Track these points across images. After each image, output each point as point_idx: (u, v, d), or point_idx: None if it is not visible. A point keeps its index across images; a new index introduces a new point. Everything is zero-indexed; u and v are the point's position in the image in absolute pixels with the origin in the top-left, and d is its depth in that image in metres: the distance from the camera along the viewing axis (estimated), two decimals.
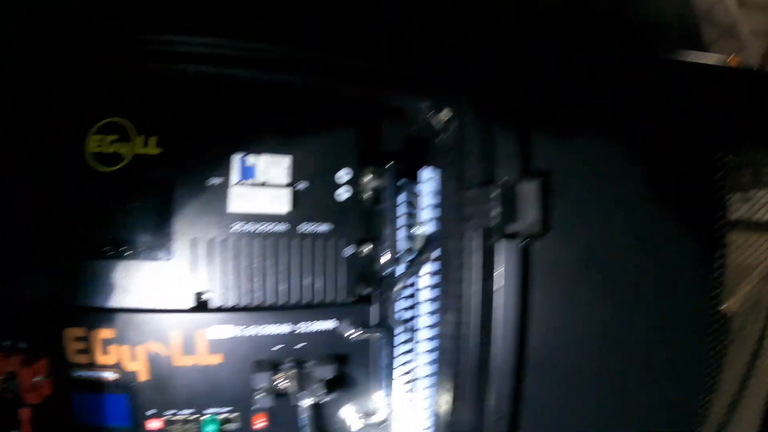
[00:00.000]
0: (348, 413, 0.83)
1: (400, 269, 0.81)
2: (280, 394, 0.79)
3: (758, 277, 0.88)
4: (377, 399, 0.84)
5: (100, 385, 0.81)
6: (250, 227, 0.73)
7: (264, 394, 0.77)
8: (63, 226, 0.75)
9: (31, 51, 0.67)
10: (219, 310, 0.74)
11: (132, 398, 0.82)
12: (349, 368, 0.82)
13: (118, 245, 0.73)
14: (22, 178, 0.75)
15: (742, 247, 0.87)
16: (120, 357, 0.79)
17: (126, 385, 0.81)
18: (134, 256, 0.73)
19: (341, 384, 0.79)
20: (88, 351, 0.80)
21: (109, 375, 0.81)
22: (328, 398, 0.76)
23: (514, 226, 0.73)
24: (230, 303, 0.73)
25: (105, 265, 0.74)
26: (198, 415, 0.82)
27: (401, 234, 0.82)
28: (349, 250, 0.76)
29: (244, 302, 0.73)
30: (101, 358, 0.80)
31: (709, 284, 0.81)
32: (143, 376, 0.80)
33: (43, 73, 0.73)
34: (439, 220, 0.79)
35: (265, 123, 0.74)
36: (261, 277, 0.73)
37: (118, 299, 0.75)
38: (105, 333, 0.79)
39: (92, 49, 0.71)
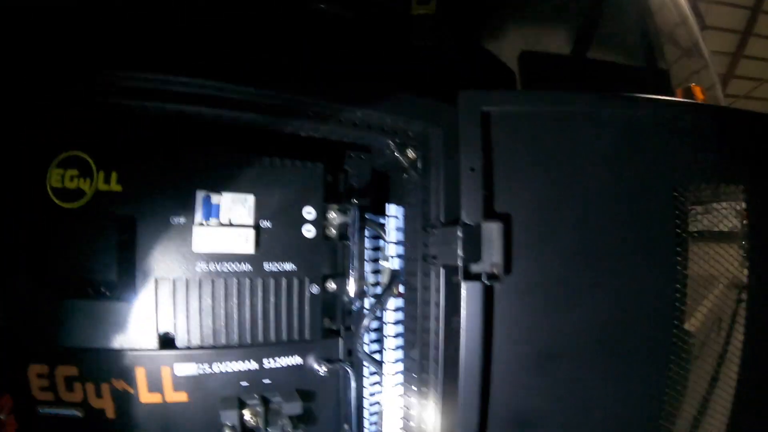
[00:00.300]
0: None
1: (367, 304, 0.82)
2: (247, 430, 0.79)
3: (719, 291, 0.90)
4: (347, 428, 0.84)
5: (65, 422, 0.80)
6: (215, 267, 0.72)
7: (231, 431, 0.77)
8: (26, 263, 0.73)
9: None
10: (183, 349, 0.73)
11: None
12: (316, 403, 0.82)
13: (81, 285, 0.72)
14: None
15: (702, 260, 0.88)
16: (85, 394, 0.78)
17: (92, 423, 0.79)
18: (97, 296, 0.72)
19: (308, 420, 0.79)
20: (52, 388, 0.78)
21: (75, 413, 0.80)
22: None
23: (478, 266, 0.74)
24: (195, 343, 0.72)
25: (67, 304, 0.73)
26: None
27: (367, 268, 0.82)
28: (315, 288, 0.76)
29: (208, 342, 0.73)
30: (66, 396, 0.79)
31: (670, 305, 0.82)
32: (109, 413, 0.79)
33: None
34: (404, 256, 0.80)
35: (228, 161, 0.74)
36: (226, 317, 0.73)
37: (81, 338, 0.74)
38: (69, 370, 0.78)
39: (52, 84, 0.70)
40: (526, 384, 0.79)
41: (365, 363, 0.83)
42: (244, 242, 0.71)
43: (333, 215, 0.78)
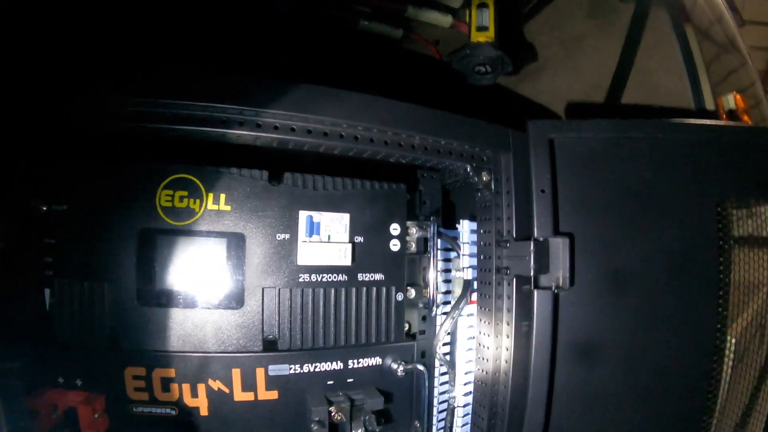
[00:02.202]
0: None
1: (441, 310, 0.89)
2: (333, 427, 0.85)
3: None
4: (417, 427, 0.91)
5: (158, 419, 0.85)
6: (315, 277, 0.79)
7: (319, 426, 0.83)
8: (137, 275, 0.78)
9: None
10: (284, 351, 0.79)
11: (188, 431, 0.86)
12: (392, 401, 0.89)
13: (190, 296, 0.77)
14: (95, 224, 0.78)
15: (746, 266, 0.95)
16: (181, 394, 0.83)
17: (186, 421, 0.85)
18: (205, 306, 0.78)
19: (386, 416, 0.86)
20: (147, 389, 0.83)
21: (169, 411, 0.85)
22: (377, 429, 0.82)
23: (546, 278, 0.82)
24: (295, 346, 0.79)
25: (175, 314, 0.78)
26: None
27: (440, 277, 0.90)
28: (399, 295, 0.83)
29: (307, 345, 0.80)
30: (161, 395, 0.84)
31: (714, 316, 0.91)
32: (203, 411, 0.84)
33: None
34: (477, 267, 0.88)
35: (326, 184, 0.81)
36: (324, 322, 0.80)
37: (184, 345, 0.79)
38: (166, 372, 0.83)
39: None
40: (585, 376, 0.88)
41: (438, 363, 0.90)
42: (343, 256, 0.78)
43: (413, 230, 0.85)
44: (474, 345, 0.91)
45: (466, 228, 0.89)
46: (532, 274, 0.82)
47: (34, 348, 0.82)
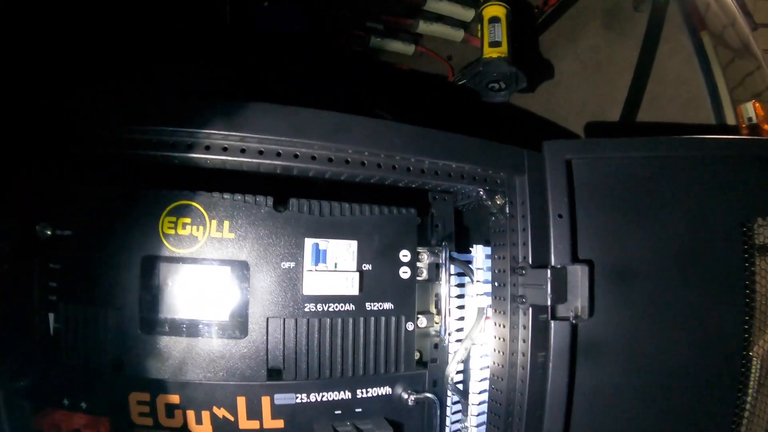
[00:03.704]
0: None
1: (454, 338, 0.82)
2: None
3: None
4: None
5: None
6: (322, 307, 0.73)
7: None
8: (140, 302, 0.74)
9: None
10: (289, 381, 0.73)
11: None
12: (403, 429, 0.82)
13: (194, 324, 0.72)
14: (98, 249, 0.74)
15: None
16: (185, 420, 0.78)
17: None
18: (208, 334, 0.72)
19: None
20: (152, 414, 0.78)
21: None
22: None
23: (564, 307, 0.75)
24: (301, 376, 0.73)
25: (177, 342, 0.73)
26: None
27: (453, 304, 0.83)
28: (410, 325, 0.77)
29: (313, 375, 0.74)
30: (165, 421, 0.79)
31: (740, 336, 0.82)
32: None
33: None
34: (492, 295, 0.81)
35: (332, 210, 0.75)
36: (330, 352, 0.74)
37: (188, 373, 0.74)
38: (171, 398, 0.78)
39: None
40: (605, 414, 0.80)
41: (450, 393, 0.84)
42: (350, 285, 0.72)
43: (425, 256, 0.79)
44: (488, 375, 0.84)
45: (480, 253, 0.82)
46: (549, 303, 0.75)
47: (40, 369, 0.78)
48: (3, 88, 0.63)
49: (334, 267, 0.74)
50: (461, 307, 0.86)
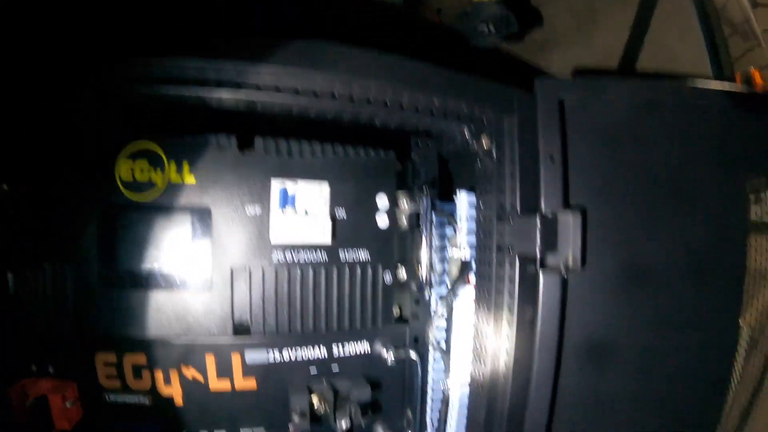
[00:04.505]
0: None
1: (435, 292, 0.75)
2: (315, 417, 0.72)
3: None
4: (410, 417, 0.78)
5: (131, 408, 0.74)
6: (291, 257, 0.66)
7: (300, 418, 0.70)
8: (98, 255, 0.66)
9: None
10: (257, 336, 0.66)
11: (164, 422, 0.74)
12: (382, 390, 0.76)
13: (155, 276, 0.65)
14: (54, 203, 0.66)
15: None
16: (153, 381, 0.72)
17: (158, 408, 0.74)
18: (171, 287, 0.65)
19: (375, 406, 0.73)
20: (119, 376, 0.72)
21: (143, 400, 0.74)
22: (362, 420, 0.69)
23: (554, 258, 0.67)
24: (270, 331, 0.66)
25: (139, 295, 0.66)
26: None
27: (435, 257, 0.76)
28: (388, 277, 0.69)
29: (283, 330, 0.67)
30: (133, 383, 0.73)
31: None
32: (176, 399, 0.73)
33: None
34: (477, 244, 0.73)
35: (302, 150, 0.66)
36: (301, 305, 0.67)
37: (152, 329, 0.67)
38: (137, 358, 0.72)
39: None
40: (593, 378, 0.73)
41: (432, 350, 0.77)
42: (321, 233, 0.64)
43: (404, 204, 0.71)
44: (471, 332, 0.77)
45: (463, 201, 0.74)
46: (538, 253, 0.67)
47: (4, 333, 0.71)
48: None
49: (304, 213, 0.66)
50: (444, 260, 0.78)
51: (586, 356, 0.72)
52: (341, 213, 0.68)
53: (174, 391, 0.73)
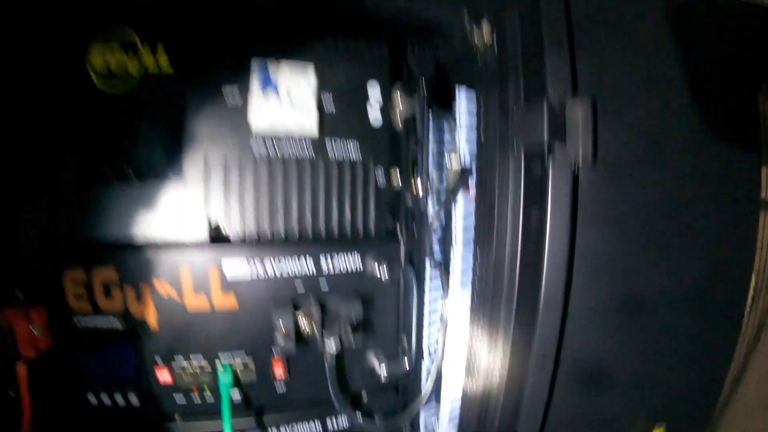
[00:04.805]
0: (375, 360, 0.69)
1: (432, 202, 0.68)
2: (301, 337, 0.65)
3: None
4: (405, 344, 0.70)
5: (105, 334, 0.68)
6: (273, 150, 0.59)
7: (284, 338, 0.63)
8: (60, 146, 0.60)
9: None
10: (235, 242, 0.59)
11: (139, 348, 0.67)
12: (374, 312, 0.69)
13: (122, 166, 0.58)
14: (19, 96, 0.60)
15: None
16: (124, 300, 0.65)
17: (133, 333, 0.67)
18: (141, 178, 0.58)
19: (366, 329, 0.65)
20: (89, 296, 0.65)
21: (115, 322, 0.67)
22: (353, 340, 0.62)
23: (563, 151, 0.60)
24: (249, 235, 0.59)
25: (107, 190, 0.59)
26: (210, 363, 0.67)
27: (432, 165, 0.68)
28: (381, 178, 0.62)
29: (264, 235, 0.59)
30: (104, 303, 0.66)
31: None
32: (150, 320, 0.66)
33: None
34: (478, 145, 0.66)
35: (285, 28, 0.60)
36: (285, 206, 0.59)
37: (120, 231, 0.60)
38: (107, 274, 0.65)
39: None
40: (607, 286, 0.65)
41: (429, 267, 0.69)
42: (307, 121, 0.58)
43: (399, 102, 0.64)
44: (471, 245, 0.69)
45: (463, 98, 0.67)
46: (546, 144, 0.60)
47: None
48: None
49: (287, 100, 0.59)
50: (441, 167, 0.71)
51: (599, 263, 0.64)
52: (329, 104, 0.62)
53: (147, 311, 0.66)
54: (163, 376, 0.69)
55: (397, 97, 0.64)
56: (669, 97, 0.68)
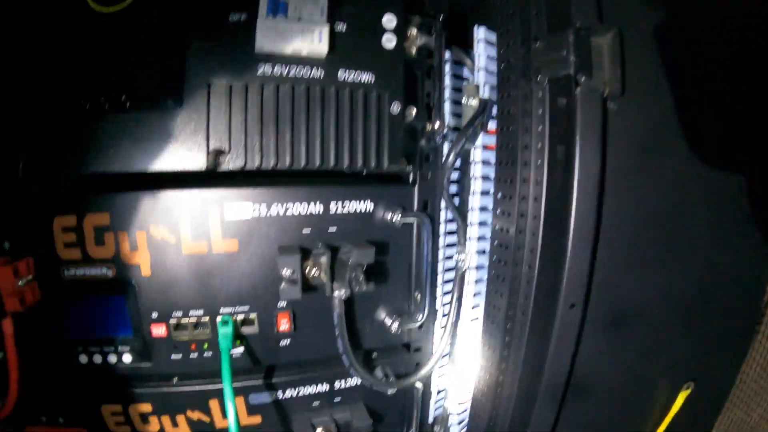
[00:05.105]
0: (385, 315, 0.64)
1: (449, 143, 0.63)
2: (309, 287, 0.60)
3: None
4: (417, 298, 0.65)
5: (94, 285, 0.62)
6: (280, 70, 0.54)
7: (289, 284, 0.58)
8: (47, 73, 0.55)
9: None
10: (238, 174, 0.54)
11: (132, 300, 0.62)
12: (386, 260, 0.63)
13: (114, 93, 0.53)
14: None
15: None
16: (117, 248, 0.60)
17: (125, 283, 0.61)
18: (137, 106, 0.53)
19: (377, 278, 0.60)
20: (79, 243, 0.60)
21: (105, 271, 0.61)
22: (365, 288, 0.57)
23: (590, 81, 0.56)
24: (253, 165, 0.54)
25: (99, 123, 0.54)
26: (210, 317, 0.62)
27: (448, 106, 0.64)
28: (395, 107, 0.58)
29: (269, 164, 0.54)
30: (96, 251, 0.60)
31: None
32: (145, 270, 0.60)
33: None
34: (498, 82, 0.62)
35: None
36: (292, 133, 0.54)
37: (117, 167, 0.55)
38: (99, 218, 0.59)
39: None
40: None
41: (444, 209, 0.64)
42: (317, 40, 0.53)
43: (414, 31, 0.59)
44: (491, 186, 0.65)
45: (481, 36, 0.63)
46: (572, 73, 0.56)
47: None
48: None
49: (296, 19, 0.54)
50: (458, 115, 0.66)
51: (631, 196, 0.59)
52: (341, 26, 0.57)
53: (141, 257, 0.61)
54: (159, 330, 0.64)
55: (413, 30, 0.60)
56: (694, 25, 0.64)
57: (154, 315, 0.63)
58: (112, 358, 0.65)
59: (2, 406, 0.60)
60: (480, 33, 0.63)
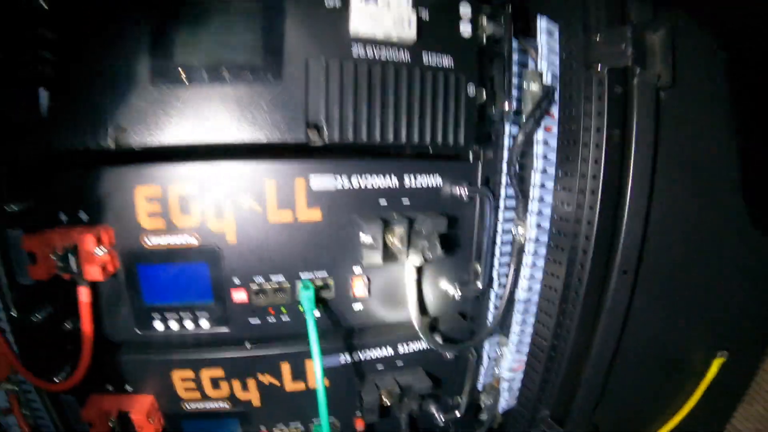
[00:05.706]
0: (448, 283, 0.69)
1: (514, 127, 0.68)
2: (385, 255, 0.64)
3: None
4: (477, 268, 0.70)
5: (178, 253, 0.64)
6: (372, 52, 0.58)
7: (370, 250, 0.62)
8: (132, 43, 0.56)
9: None
10: (324, 152, 0.58)
11: (215, 267, 0.65)
12: (450, 233, 0.67)
13: (216, 69, 0.56)
14: None
15: None
16: (202, 216, 0.63)
17: (209, 250, 0.64)
18: (237, 78, 0.56)
19: (443, 247, 0.64)
20: (163, 213, 0.62)
21: (189, 239, 0.63)
22: (439, 253, 0.61)
23: (645, 72, 0.61)
24: (345, 137, 0.58)
25: (194, 92, 0.57)
26: (290, 282, 0.65)
27: (516, 88, 0.69)
28: (471, 89, 0.62)
29: (360, 138, 0.58)
30: (180, 221, 0.62)
31: None
32: (230, 237, 0.63)
33: None
34: (560, 71, 0.67)
35: None
36: (381, 110, 0.58)
37: (203, 137, 0.57)
38: (184, 188, 0.61)
39: None
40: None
41: (506, 184, 0.69)
42: (406, 24, 0.57)
43: (483, 20, 0.64)
44: (553, 167, 0.70)
45: (544, 26, 0.68)
46: (630, 64, 0.61)
47: (36, 184, 0.60)
48: None
49: (386, 5, 0.59)
50: (522, 89, 0.70)
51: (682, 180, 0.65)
52: (425, 14, 0.61)
53: (226, 226, 0.64)
54: (240, 295, 0.66)
55: (483, 20, 0.65)
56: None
57: (236, 281, 0.66)
58: (189, 324, 0.68)
59: (70, 375, 0.62)
60: (543, 23, 0.68)
